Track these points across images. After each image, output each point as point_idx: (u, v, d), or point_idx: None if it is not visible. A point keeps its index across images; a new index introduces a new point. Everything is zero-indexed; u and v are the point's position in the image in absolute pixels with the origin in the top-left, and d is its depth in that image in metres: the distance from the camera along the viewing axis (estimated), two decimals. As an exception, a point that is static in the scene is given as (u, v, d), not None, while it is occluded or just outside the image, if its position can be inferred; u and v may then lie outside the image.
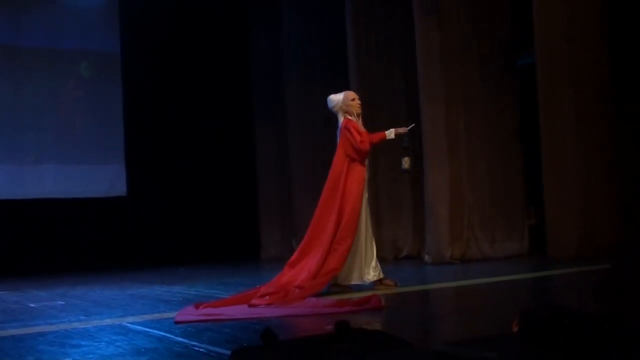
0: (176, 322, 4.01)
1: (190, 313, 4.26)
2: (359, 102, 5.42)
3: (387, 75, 9.24)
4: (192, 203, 10.86)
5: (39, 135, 10.13)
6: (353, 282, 5.25)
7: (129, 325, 4.06)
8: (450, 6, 8.08)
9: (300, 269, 5.04)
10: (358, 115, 5.41)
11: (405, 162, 5.92)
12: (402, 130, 5.51)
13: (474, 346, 2.29)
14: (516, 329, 2.37)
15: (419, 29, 8.12)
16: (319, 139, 10.37)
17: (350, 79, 9.39)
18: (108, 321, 4.31)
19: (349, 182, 5.20)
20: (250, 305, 4.53)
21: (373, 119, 9.25)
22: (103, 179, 10.46)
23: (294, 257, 5.19)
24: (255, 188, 11.07)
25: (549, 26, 7.21)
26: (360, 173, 5.26)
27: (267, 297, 4.69)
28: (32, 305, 5.59)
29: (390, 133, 5.47)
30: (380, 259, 8.84)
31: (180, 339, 3.44)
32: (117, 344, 3.42)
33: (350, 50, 9.32)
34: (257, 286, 5.04)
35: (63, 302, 5.66)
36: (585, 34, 7.12)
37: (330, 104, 5.43)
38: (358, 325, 3.29)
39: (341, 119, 5.38)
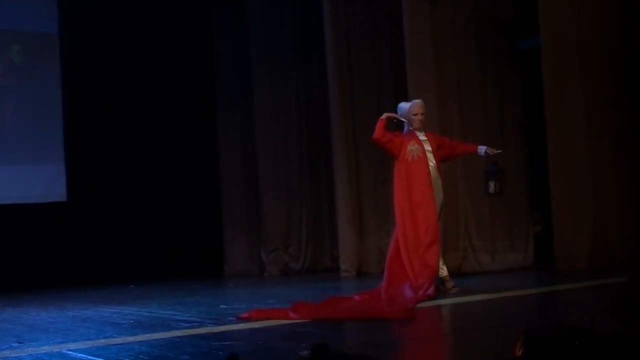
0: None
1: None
2: (421, 118, 6.23)
3: (369, 60, 9.25)
4: (143, 209, 10.77)
5: (-37, 130, 10.02)
6: None
7: (70, 353, 4.03)
8: (443, -19, 8.15)
9: None
10: (417, 130, 6.21)
11: (491, 186, 6.49)
12: (490, 151, 6.25)
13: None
14: (520, 352, 2.40)
15: (407, 8, 8.15)
16: (292, 135, 10.35)
17: (327, 65, 9.40)
18: (45, 348, 4.27)
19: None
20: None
21: (354, 110, 9.32)
22: (39, 181, 10.34)
23: None
24: (218, 191, 11.03)
25: (555, 5, 7.29)
26: (396, 174, 6.19)
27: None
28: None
29: (482, 149, 6.26)
30: (365, 272, 9.02)
31: (131, 368, 3.43)
32: (57, 374, 3.40)
33: (328, 32, 9.32)
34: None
35: (-8, 327, 5.59)
36: (596, 14, 7.21)
37: (399, 112, 6.35)
38: (338, 348, 3.30)
39: (405, 129, 6.27)
